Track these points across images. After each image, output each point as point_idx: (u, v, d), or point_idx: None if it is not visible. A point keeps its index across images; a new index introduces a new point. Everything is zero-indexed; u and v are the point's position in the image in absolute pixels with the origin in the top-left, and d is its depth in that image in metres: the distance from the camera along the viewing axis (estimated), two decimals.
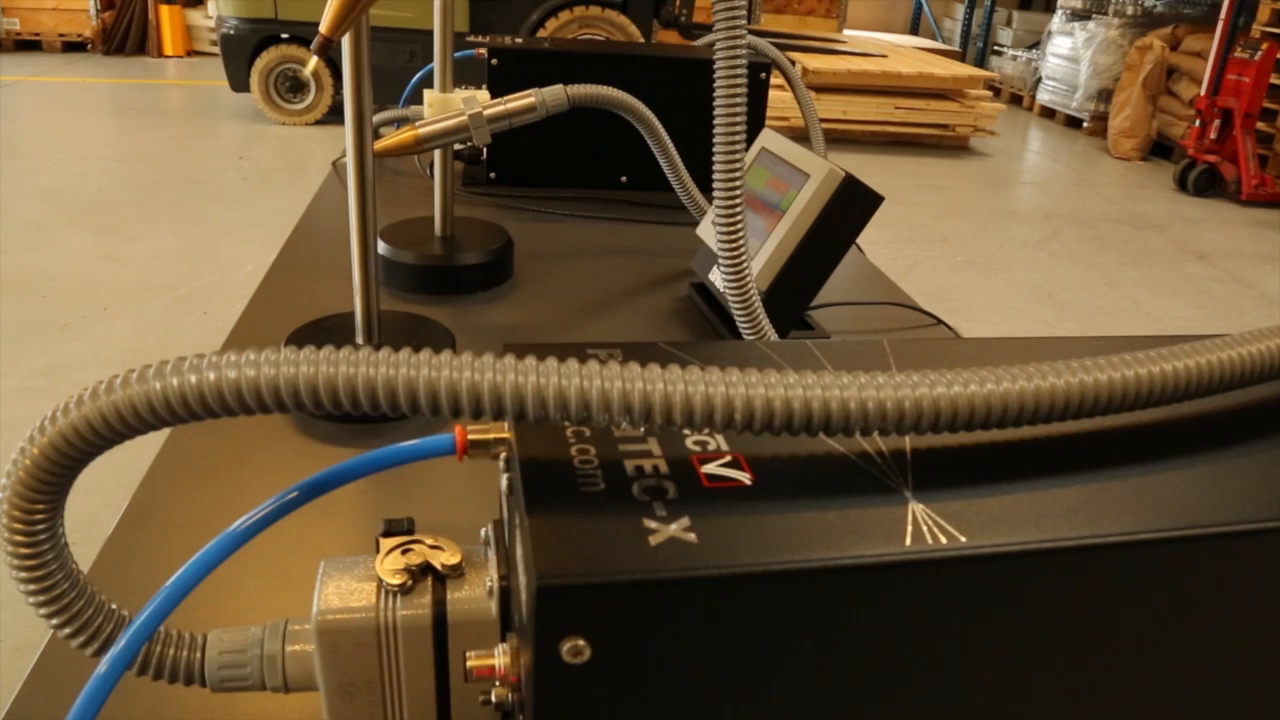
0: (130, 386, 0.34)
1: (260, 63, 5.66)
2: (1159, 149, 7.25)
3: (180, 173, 4.90)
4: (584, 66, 1.39)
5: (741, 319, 0.77)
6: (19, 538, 0.37)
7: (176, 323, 3.24)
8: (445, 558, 0.41)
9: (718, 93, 0.69)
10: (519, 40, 1.43)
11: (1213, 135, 6.17)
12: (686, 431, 0.38)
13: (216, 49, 6.06)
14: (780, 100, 5.66)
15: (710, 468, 0.35)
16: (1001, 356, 0.46)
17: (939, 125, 6.73)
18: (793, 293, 0.90)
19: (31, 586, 0.38)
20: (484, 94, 1.09)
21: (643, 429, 0.38)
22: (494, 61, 1.36)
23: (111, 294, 3.41)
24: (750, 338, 0.77)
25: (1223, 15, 6.33)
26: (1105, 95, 7.63)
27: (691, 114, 1.32)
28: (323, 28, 0.66)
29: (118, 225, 4.07)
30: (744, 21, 0.67)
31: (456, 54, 1.08)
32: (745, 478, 0.35)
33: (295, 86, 5.82)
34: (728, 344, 0.46)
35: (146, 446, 0.65)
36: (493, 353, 0.34)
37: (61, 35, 7.86)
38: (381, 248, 1.04)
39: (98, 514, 1.63)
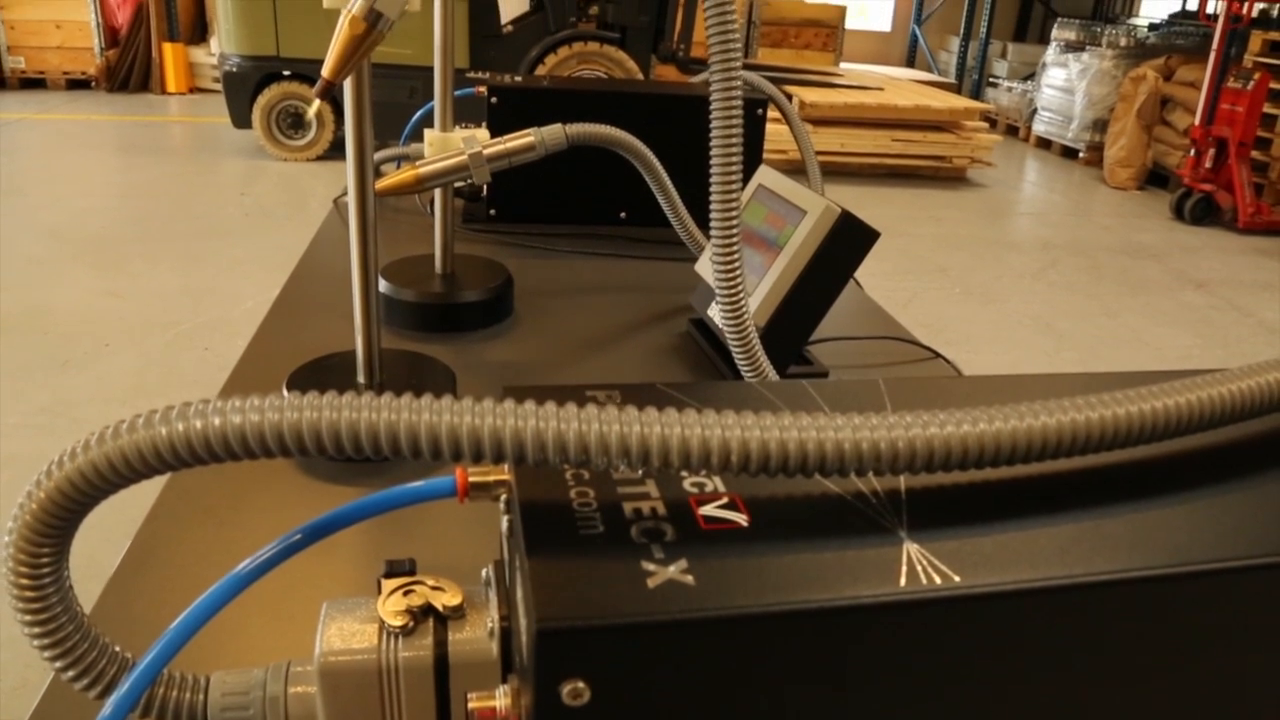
0: (137, 432, 0.35)
1: (262, 99, 5.71)
2: (1155, 178, 7.29)
3: (182, 209, 4.93)
4: (582, 104, 1.41)
5: (740, 356, 0.77)
6: (24, 581, 0.37)
7: (178, 359, 3.25)
8: (446, 599, 0.41)
9: (714, 130, 0.70)
10: (518, 78, 1.45)
11: (1208, 164, 6.21)
12: (684, 473, 0.38)
13: (219, 86, 6.12)
14: (778, 133, 5.69)
15: (708, 509, 0.36)
16: (995, 395, 0.47)
17: (936, 157, 6.78)
18: (791, 328, 0.90)
19: (36, 629, 0.38)
20: (484, 133, 1.10)
21: (640, 471, 0.38)
22: (493, 100, 1.37)
23: (113, 330, 3.42)
24: (749, 375, 0.78)
25: (1215, 46, 6.40)
26: (1100, 125, 7.69)
27: (689, 150, 1.33)
28: (325, 71, 0.67)
29: (120, 261, 4.10)
30: (739, 60, 0.69)
31: (456, 92, 1.10)
32: (742, 519, 0.35)
33: (297, 123, 5.87)
34: (725, 385, 0.47)
35: (148, 484, 0.65)
36: (492, 397, 0.35)
37: (66, 73, 7.94)
38: (382, 285, 1.05)
39: (96, 550, 1.63)
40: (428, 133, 1.06)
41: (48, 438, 2.67)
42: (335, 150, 6.01)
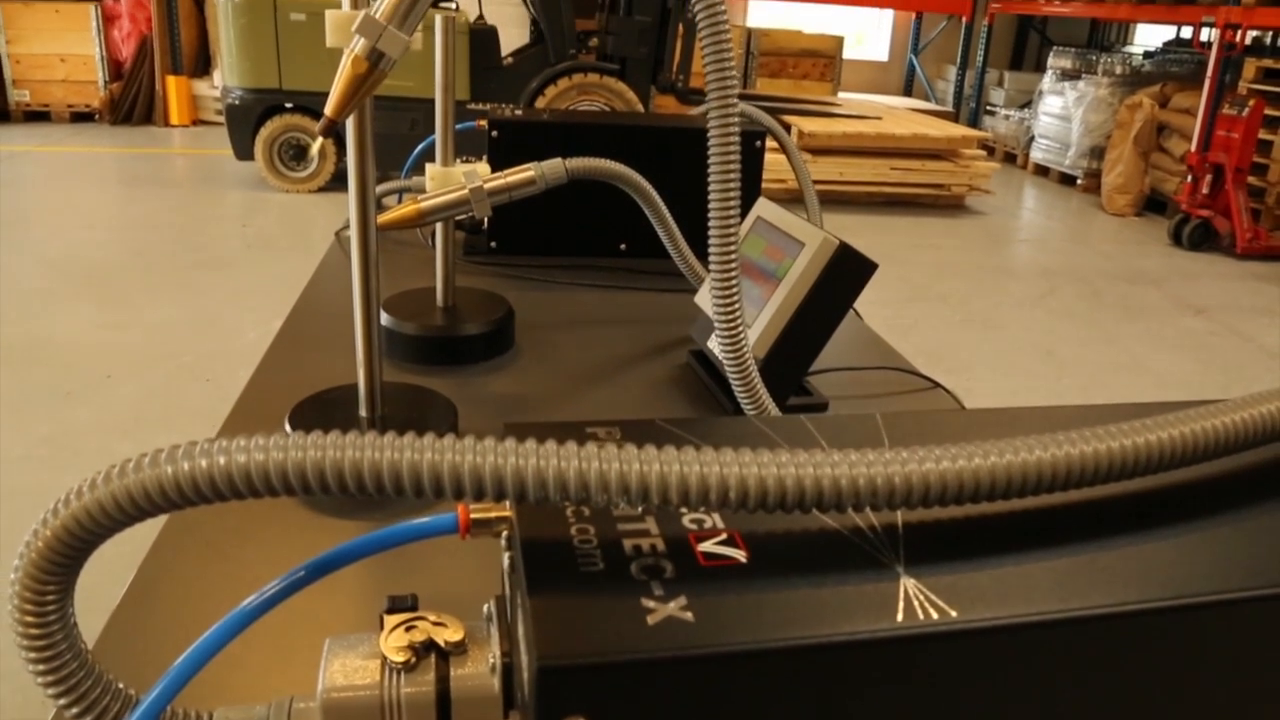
0: (142, 471, 0.35)
1: (265, 131, 5.75)
2: (1153, 204, 7.32)
3: (184, 240, 4.96)
4: (582, 137, 1.42)
5: (739, 389, 0.78)
6: (30, 618, 0.37)
7: (179, 390, 3.25)
8: (448, 634, 0.42)
9: (712, 164, 0.71)
10: (518, 112, 1.46)
11: (1205, 190, 6.24)
12: (684, 509, 0.39)
13: (221, 118, 6.17)
14: (777, 162, 5.73)
15: (707, 546, 0.36)
16: (991, 429, 0.47)
17: (934, 185, 6.82)
18: (790, 359, 0.91)
19: (41, 667, 0.39)
20: (484, 166, 1.11)
21: (640, 508, 0.39)
22: (494, 133, 1.39)
23: (115, 361, 3.43)
24: (748, 407, 0.78)
25: (1209, 73, 6.45)
26: (1097, 152, 7.73)
27: (689, 181, 1.34)
28: (328, 110, 0.68)
29: (122, 293, 4.11)
30: (736, 94, 0.70)
31: (458, 126, 1.11)
32: (741, 555, 0.36)
33: (298, 154, 5.91)
34: (724, 421, 0.47)
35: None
36: (494, 434, 0.35)
37: (70, 106, 8.00)
38: (384, 319, 1.05)
39: (98, 581, 1.63)
40: (429, 167, 1.07)
41: (49, 469, 2.67)
42: (337, 181, 6.05)
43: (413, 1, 0.68)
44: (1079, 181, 7.97)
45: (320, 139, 0.74)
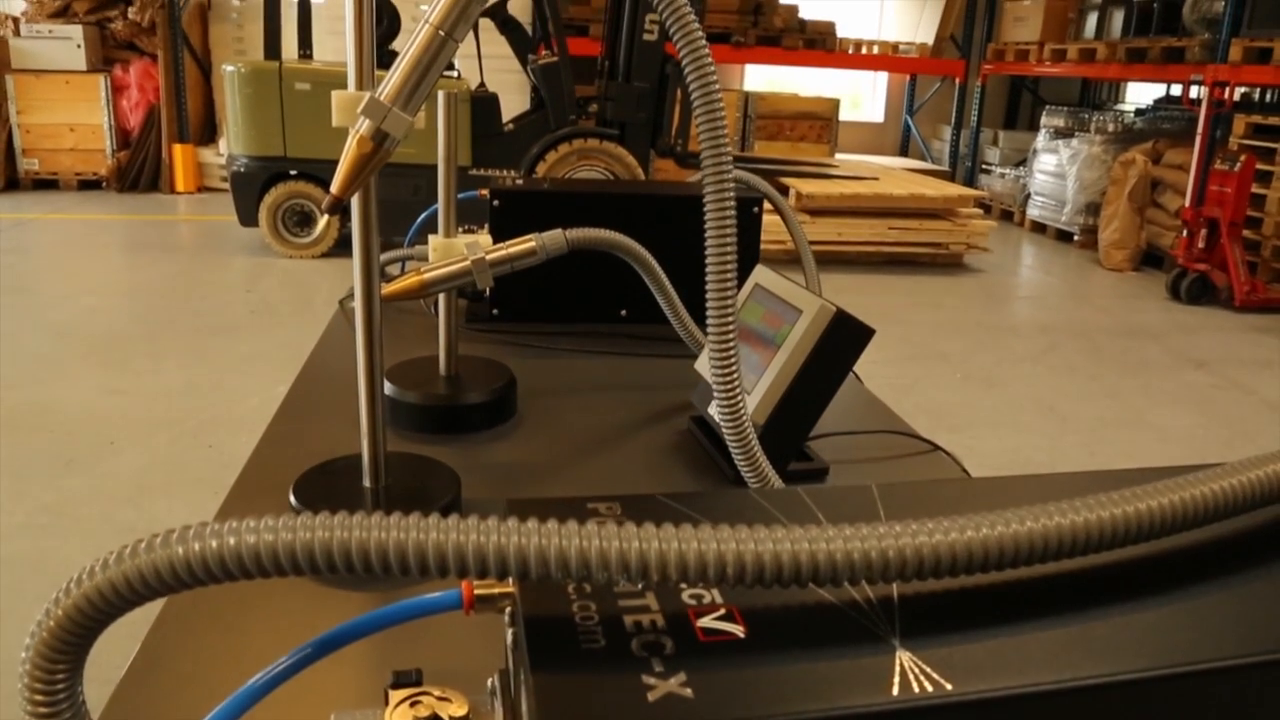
0: (154, 552, 0.36)
1: (269, 198, 5.83)
2: (1149, 259, 7.38)
3: (188, 306, 5.00)
4: (582, 205, 1.45)
5: (739, 457, 0.79)
6: (39, 696, 0.38)
7: (182, 457, 3.26)
8: (453, 709, 0.42)
9: (708, 235, 0.72)
10: (519, 181, 1.49)
11: (1201, 244, 6.30)
12: (683, 585, 0.40)
13: (226, 185, 6.25)
14: (776, 224, 5.79)
15: (706, 621, 0.37)
16: (984, 499, 0.48)
17: (932, 244, 6.88)
18: (790, 425, 0.92)
19: None
20: (486, 237, 1.13)
21: (641, 584, 0.39)
22: (496, 202, 1.41)
23: (118, 428, 3.43)
24: (748, 475, 0.79)
25: (1200, 130, 6.55)
26: (1093, 209, 7.81)
27: (688, 248, 1.36)
28: (334, 188, 0.70)
29: (126, 359, 4.13)
30: (730, 165, 0.71)
31: (460, 195, 1.13)
32: (739, 630, 0.37)
33: (302, 220, 5.98)
34: (722, 495, 0.48)
35: None
36: (497, 515, 0.36)
37: (78, 174, 8.12)
38: (387, 388, 1.06)
39: (101, 653, 1.62)
40: (432, 238, 1.09)
41: (51, 537, 2.66)
42: (340, 247, 6.11)
43: (416, 84, 0.71)
44: (1076, 238, 8.05)
45: (326, 217, 0.76)
